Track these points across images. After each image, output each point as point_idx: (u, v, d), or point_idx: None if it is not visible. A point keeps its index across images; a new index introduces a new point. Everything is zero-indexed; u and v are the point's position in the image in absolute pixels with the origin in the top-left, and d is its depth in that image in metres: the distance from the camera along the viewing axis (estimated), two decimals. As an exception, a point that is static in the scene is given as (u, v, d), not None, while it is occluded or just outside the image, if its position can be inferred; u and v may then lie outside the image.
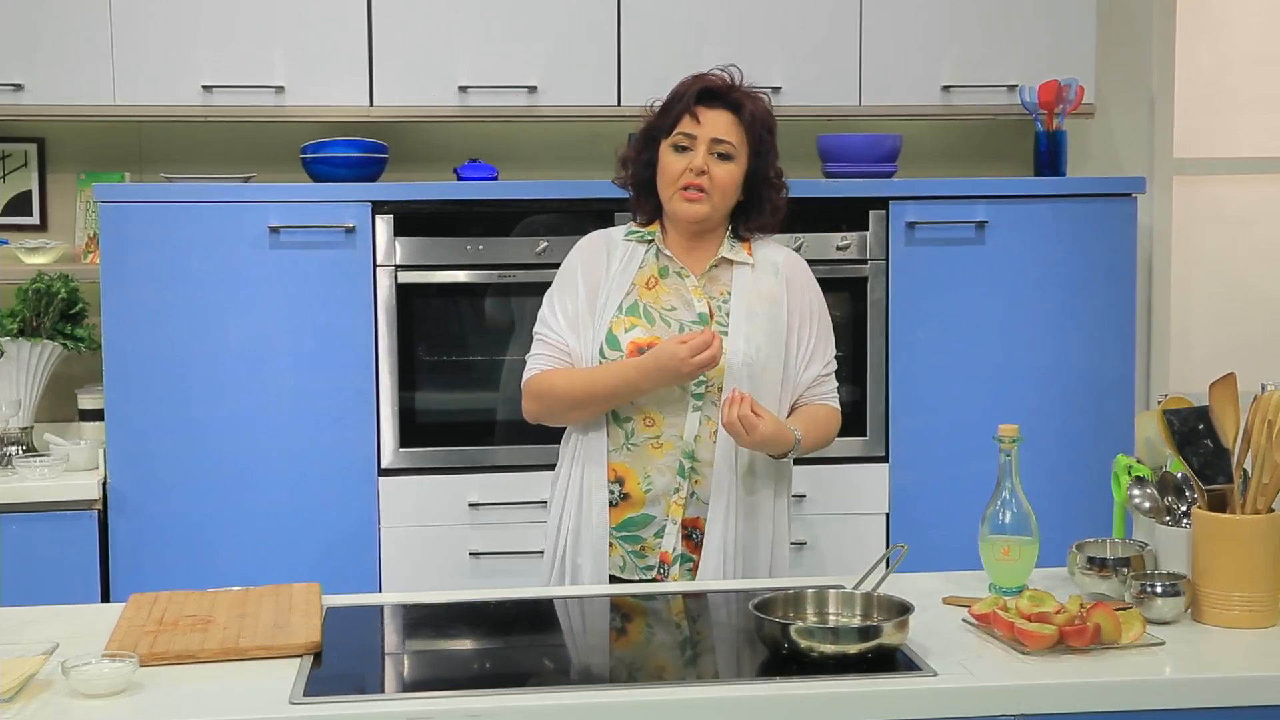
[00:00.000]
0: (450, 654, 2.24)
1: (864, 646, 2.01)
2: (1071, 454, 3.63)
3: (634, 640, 2.34)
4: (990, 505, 2.38)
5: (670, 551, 2.64)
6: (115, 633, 2.12)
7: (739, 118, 2.71)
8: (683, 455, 2.64)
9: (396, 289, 3.52)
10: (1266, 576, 2.16)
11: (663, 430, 2.65)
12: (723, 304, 2.70)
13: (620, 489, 2.66)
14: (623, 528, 2.66)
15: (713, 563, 2.63)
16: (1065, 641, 2.06)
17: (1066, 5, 3.83)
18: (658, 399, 2.64)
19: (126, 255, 3.43)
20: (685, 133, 2.69)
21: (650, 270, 2.74)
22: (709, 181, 2.67)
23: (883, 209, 3.63)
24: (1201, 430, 2.24)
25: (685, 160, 2.68)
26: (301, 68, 3.62)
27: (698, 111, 2.69)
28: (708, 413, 2.64)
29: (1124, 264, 3.70)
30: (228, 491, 3.47)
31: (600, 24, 3.70)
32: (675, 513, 2.63)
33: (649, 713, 1.91)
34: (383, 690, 1.96)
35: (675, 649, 2.27)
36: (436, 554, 3.54)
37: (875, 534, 3.65)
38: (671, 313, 2.69)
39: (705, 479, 2.65)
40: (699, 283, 2.71)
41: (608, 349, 2.65)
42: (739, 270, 2.73)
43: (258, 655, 2.04)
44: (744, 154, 2.71)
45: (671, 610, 2.43)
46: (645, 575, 2.65)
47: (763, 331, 2.68)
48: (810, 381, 2.75)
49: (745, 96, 2.74)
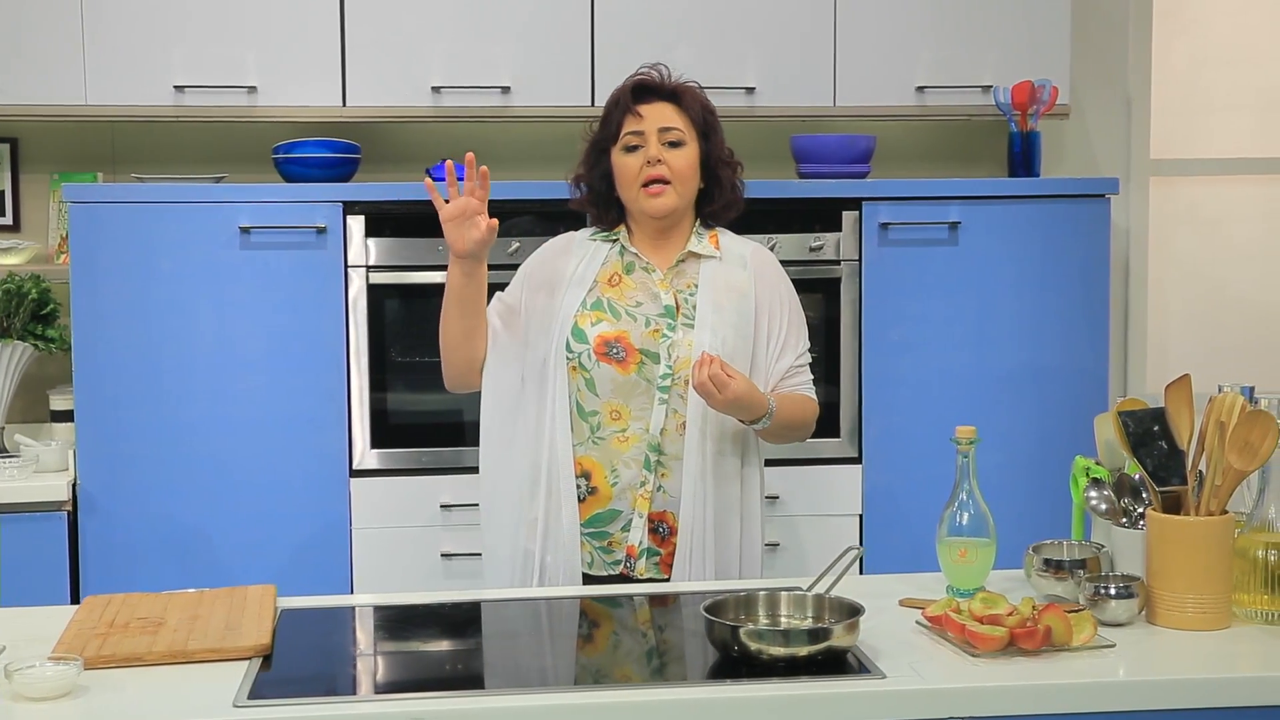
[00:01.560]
0: (401, 656, 2.23)
1: (814, 649, 2.01)
2: (1044, 455, 3.62)
3: (585, 642, 2.33)
4: (948, 507, 2.37)
5: (637, 545, 2.64)
6: (65, 635, 2.12)
7: (679, 106, 2.74)
8: (649, 448, 2.64)
9: (368, 290, 3.52)
10: (1219, 578, 2.16)
11: (629, 424, 2.65)
12: (689, 297, 2.71)
13: (587, 484, 2.66)
14: (590, 523, 2.66)
15: (684, 558, 2.63)
16: (1016, 643, 2.05)
17: (1041, 6, 3.82)
18: (623, 392, 2.64)
19: (97, 256, 3.42)
20: (632, 131, 2.71)
21: (613, 267, 2.74)
22: (668, 170, 2.68)
23: (856, 210, 3.63)
24: (1157, 432, 2.23)
25: (639, 157, 2.69)
26: (274, 68, 3.62)
27: (638, 109, 2.72)
28: (674, 405, 2.64)
29: (1098, 265, 3.70)
30: (198, 493, 3.47)
31: (574, 24, 3.69)
32: (642, 506, 2.64)
33: (596, 715, 1.90)
34: (329, 693, 1.95)
35: (628, 652, 2.26)
36: (408, 555, 3.54)
37: (849, 535, 3.65)
38: (637, 308, 2.69)
39: (672, 472, 2.65)
40: (665, 276, 2.72)
41: (574, 342, 2.66)
42: (706, 263, 2.74)
43: (206, 658, 2.03)
44: (693, 138, 2.73)
45: (628, 612, 2.42)
46: (613, 570, 2.65)
47: (729, 324, 2.68)
48: (784, 372, 2.75)
49: (679, 86, 2.77)
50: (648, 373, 2.65)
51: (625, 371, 2.65)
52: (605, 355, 2.65)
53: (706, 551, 2.64)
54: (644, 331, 2.66)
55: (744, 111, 3.77)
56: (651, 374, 2.64)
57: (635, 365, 2.65)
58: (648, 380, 2.65)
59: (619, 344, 2.65)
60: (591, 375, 2.65)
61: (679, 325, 2.67)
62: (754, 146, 4.00)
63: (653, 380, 2.65)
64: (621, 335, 2.66)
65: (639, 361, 2.65)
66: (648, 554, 2.65)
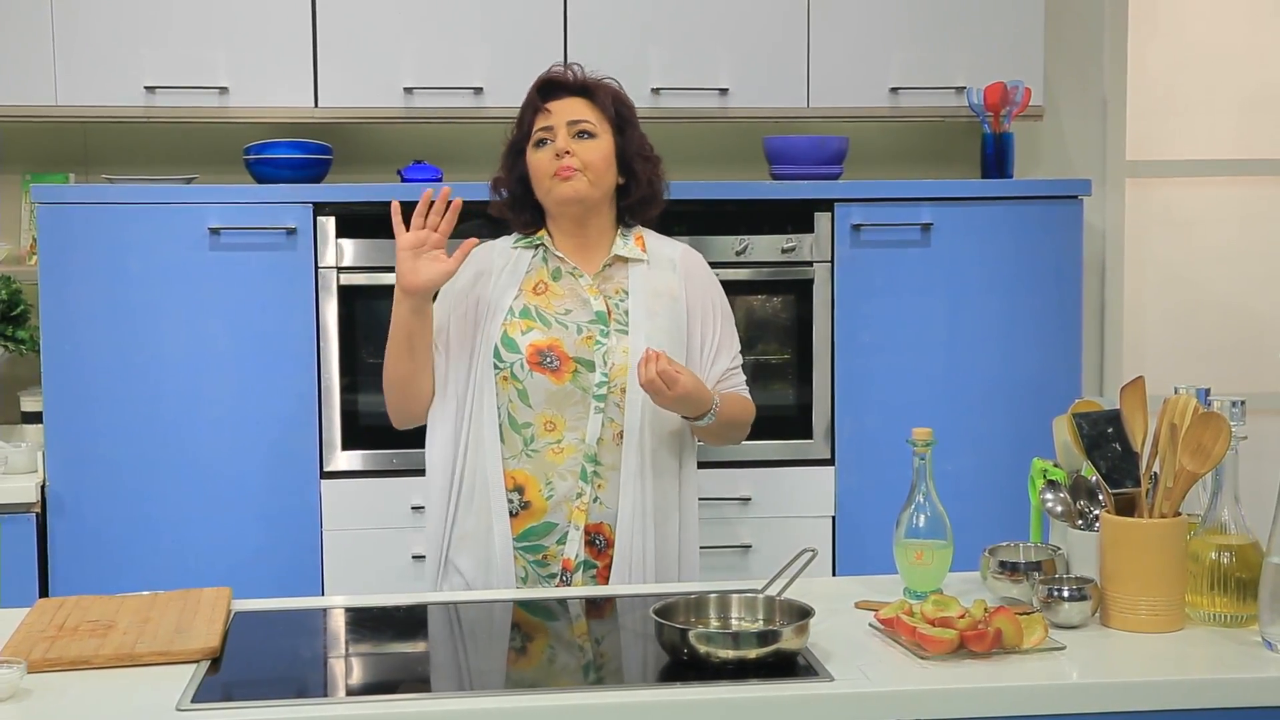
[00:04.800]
0: (355, 658, 2.22)
1: (762, 651, 2.00)
2: (1017, 457, 3.54)
3: (531, 645, 2.32)
4: (905, 509, 2.36)
5: (573, 559, 2.60)
6: (13, 638, 2.11)
7: (590, 100, 2.71)
8: (585, 459, 2.59)
9: (339, 291, 3.51)
10: (1171, 580, 2.15)
11: (564, 434, 2.60)
12: (620, 302, 2.67)
13: (520, 498, 2.61)
14: (524, 538, 2.61)
15: (622, 570, 2.59)
16: (966, 646, 2.04)
17: (1015, 8, 3.81)
18: (557, 402, 2.59)
19: (66, 257, 3.42)
20: (541, 127, 2.68)
21: (538, 275, 2.70)
22: (577, 160, 2.64)
23: (828, 211, 3.62)
24: (1111, 434, 2.22)
25: (549, 150, 2.66)
26: (245, 68, 3.61)
27: (547, 106, 2.70)
28: (610, 414, 2.60)
29: (1070, 266, 3.69)
30: (167, 494, 3.46)
31: (546, 26, 3.69)
32: (578, 518, 2.59)
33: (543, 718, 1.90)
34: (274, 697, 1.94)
35: (574, 654, 2.25)
36: (379, 557, 3.53)
37: (821, 537, 3.64)
38: (567, 315, 2.65)
39: (608, 483, 2.61)
40: (593, 281, 2.69)
41: (505, 351, 2.61)
42: (634, 268, 2.71)
43: (153, 661, 2.02)
44: (606, 131, 2.70)
45: (574, 615, 2.41)
46: (548, 584, 2.61)
47: (663, 329, 2.65)
48: (719, 375, 2.72)
49: (590, 81, 2.74)
50: (582, 381, 2.60)
51: (559, 381, 2.60)
52: (539, 365, 2.60)
53: (646, 560, 2.61)
54: (577, 339, 2.62)
55: (717, 113, 3.77)
56: (587, 383, 2.60)
57: (570, 374, 2.60)
58: (583, 389, 2.60)
59: (552, 353, 2.61)
60: (524, 386, 2.60)
61: (612, 331, 2.63)
62: (726, 148, 4.03)
63: (588, 389, 2.60)
64: (554, 343, 2.61)
65: (573, 370, 2.60)
66: (584, 567, 2.61)
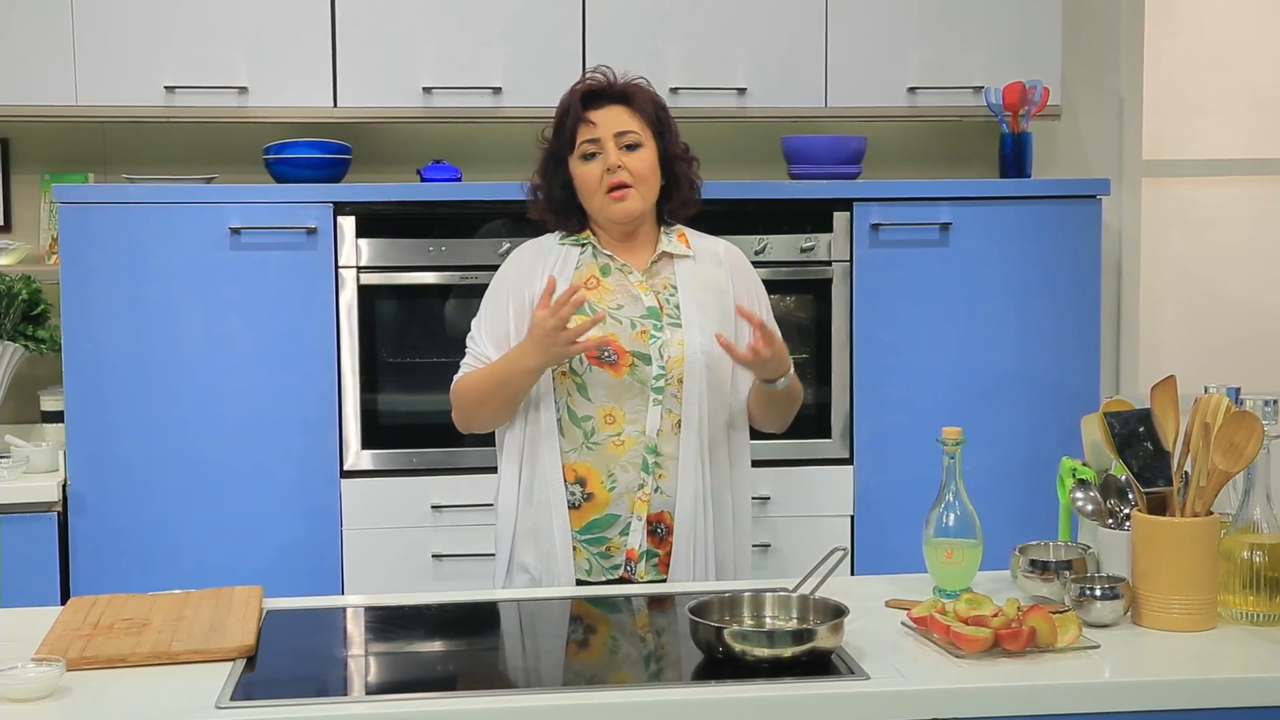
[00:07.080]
0: (387, 657, 2.23)
1: (798, 650, 2.00)
2: (1035, 456, 3.61)
3: (573, 644, 2.33)
4: (934, 508, 2.37)
5: (637, 549, 2.63)
6: (48, 636, 2.11)
7: (630, 107, 2.72)
8: (645, 450, 2.63)
9: (359, 290, 3.52)
10: (1204, 579, 2.15)
11: (624, 427, 2.64)
12: (670, 297, 2.70)
13: (583, 490, 2.65)
14: (586, 530, 2.65)
15: (683, 556, 2.63)
16: (1000, 645, 2.05)
17: (1032, 7, 3.82)
18: (616, 395, 2.63)
19: (87, 256, 3.42)
20: (587, 139, 2.69)
21: (589, 270, 2.73)
22: (629, 175, 2.66)
23: (847, 211, 3.63)
24: (1142, 433, 2.23)
25: (598, 164, 2.67)
26: (265, 68, 3.62)
27: (589, 115, 2.69)
28: (669, 405, 2.64)
29: (1089, 266, 3.70)
30: (188, 493, 3.46)
31: (565, 25, 3.69)
32: (640, 509, 2.63)
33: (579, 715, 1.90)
34: (313, 694, 1.94)
35: (615, 654, 2.26)
36: (399, 556, 3.53)
37: (840, 536, 3.65)
38: (619, 310, 2.68)
39: (668, 472, 2.64)
40: (642, 277, 2.71)
41: None
42: (680, 263, 2.74)
43: (189, 659, 2.03)
44: (649, 138, 2.71)
45: (625, 614, 2.42)
46: (611, 575, 2.64)
47: (714, 322, 2.69)
48: None
49: (628, 86, 2.75)
50: (640, 375, 2.64)
51: (618, 374, 2.64)
52: (597, 359, 2.64)
53: (707, 546, 2.65)
54: (631, 334, 2.66)
55: (735, 112, 3.78)
56: (644, 375, 2.64)
57: (627, 368, 2.64)
58: (640, 382, 2.64)
59: (609, 347, 2.64)
60: (583, 380, 2.64)
61: (665, 325, 2.67)
62: (745, 147, 4.04)
63: (646, 382, 2.64)
64: (610, 338, 2.65)
65: (630, 364, 2.64)
66: (646, 556, 2.64)
